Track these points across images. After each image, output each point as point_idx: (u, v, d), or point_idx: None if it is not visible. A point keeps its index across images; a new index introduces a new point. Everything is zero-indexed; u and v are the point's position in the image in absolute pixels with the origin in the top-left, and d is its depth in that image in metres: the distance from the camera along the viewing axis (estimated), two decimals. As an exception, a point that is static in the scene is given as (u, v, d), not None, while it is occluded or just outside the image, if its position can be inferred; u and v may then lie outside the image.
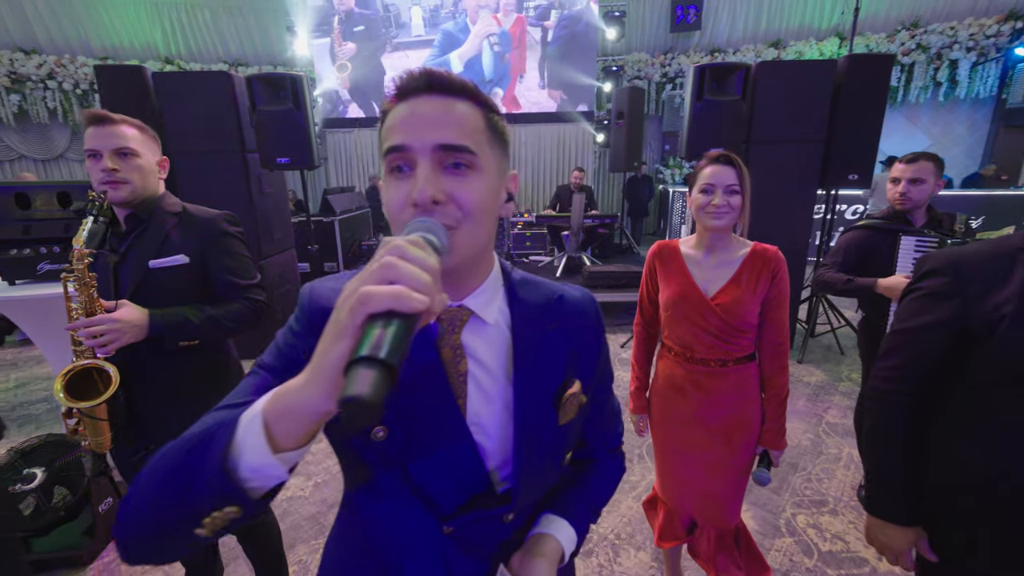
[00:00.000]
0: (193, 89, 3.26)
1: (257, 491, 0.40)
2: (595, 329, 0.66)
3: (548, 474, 0.62)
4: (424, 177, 0.47)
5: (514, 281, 0.61)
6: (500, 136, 0.54)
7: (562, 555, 0.62)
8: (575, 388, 0.60)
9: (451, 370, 0.55)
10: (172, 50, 8.41)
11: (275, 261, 3.81)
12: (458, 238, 0.49)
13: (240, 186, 3.45)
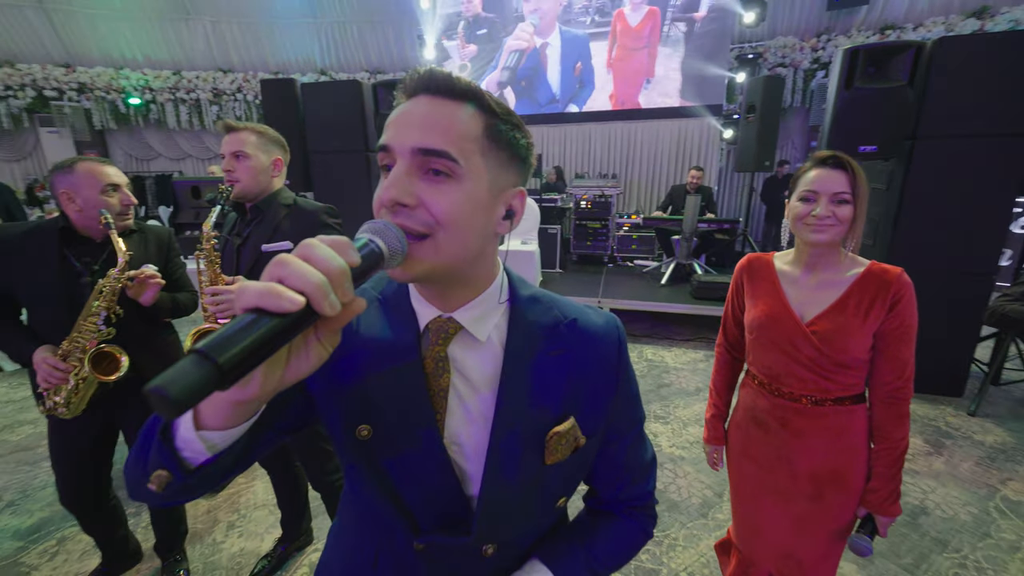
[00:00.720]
0: (330, 97, 3.76)
1: (189, 462, 0.43)
2: (612, 362, 0.58)
3: (528, 514, 0.58)
4: (393, 178, 0.46)
5: (520, 298, 0.57)
6: (506, 146, 0.50)
7: None
8: (566, 425, 0.55)
9: (432, 382, 0.53)
10: (325, 62, 9.77)
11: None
12: (429, 246, 0.46)
13: (363, 181, 3.89)
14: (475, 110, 0.48)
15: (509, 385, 0.53)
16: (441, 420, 0.53)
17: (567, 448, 0.55)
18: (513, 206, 0.52)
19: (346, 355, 0.54)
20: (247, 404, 0.40)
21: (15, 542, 1.87)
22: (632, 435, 0.63)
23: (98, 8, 7.79)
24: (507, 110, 0.50)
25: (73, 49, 7.85)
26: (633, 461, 0.64)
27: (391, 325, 0.55)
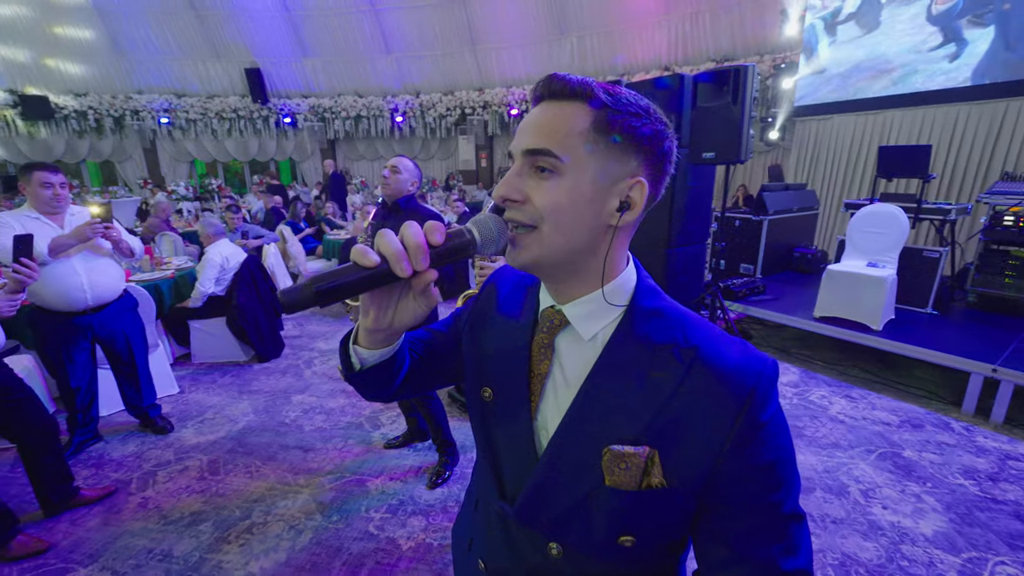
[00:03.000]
0: (651, 94, 3.78)
1: (355, 365, 0.61)
2: (726, 414, 0.49)
3: (576, 525, 0.55)
4: (506, 178, 0.52)
5: (639, 307, 0.55)
6: (619, 136, 0.49)
7: None
8: (629, 450, 0.50)
9: (533, 366, 0.58)
10: (671, 58, 9.86)
11: (680, 252, 4.01)
12: (534, 237, 0.51)
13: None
14: (583, 105, 0.50)
15: (590, 391, 0.54)
16: (535, 403, 0.58)
17: (631, 478, 0.51)
18: (631, 197, 0.51)
19: (486, 326, 0.65)
20: (374, 333, 0.56)
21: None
22: (753, 519, 0.50)
23: (503, 43, 10.35)
24: (623, 100, 0.50)
25: (485, 76, 10.77)
26: (749, 551, 0.50)
27: (521, 308, 0.63)
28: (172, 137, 10.77)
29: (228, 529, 2.05)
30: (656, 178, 0.53)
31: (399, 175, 2.09)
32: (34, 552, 1.92)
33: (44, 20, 9.34)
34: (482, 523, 0.68)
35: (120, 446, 2.68)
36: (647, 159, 0.52)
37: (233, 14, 10.04)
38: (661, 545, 0.56)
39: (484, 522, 0.67)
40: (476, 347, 0.66)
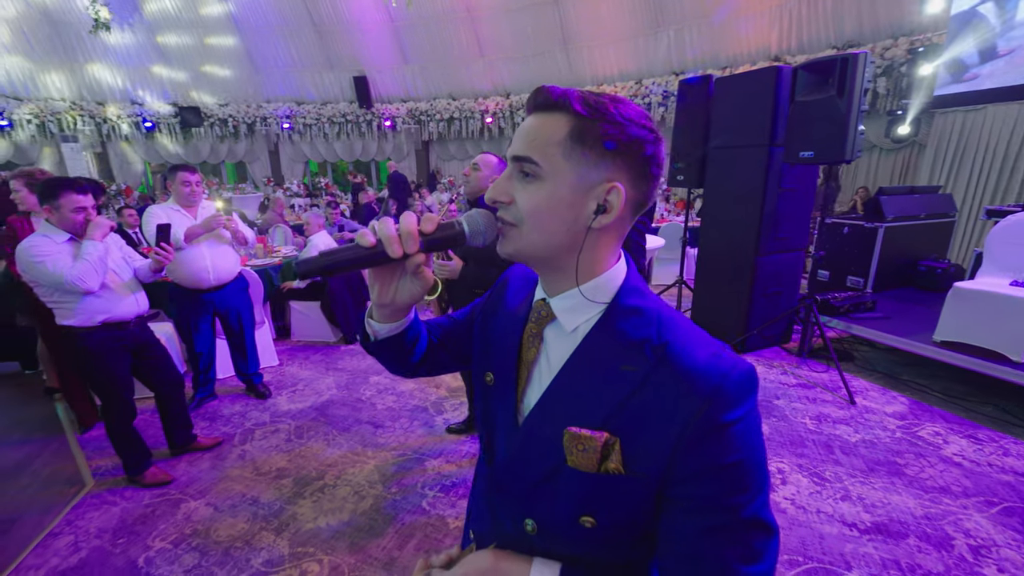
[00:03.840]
0: (742, 88, 3.54)
1: (370, 336, 0.71)
2: (686, 412, 0.50)
3: (540, 498, 0.60)
4: (497, 181, 0.58)
5: (619, 305, 0.58)
6: (594, 144, 0.53)
7: None
8: (587, 433, 0.54)
9: (523, 353, 0.64)
10: (782, 47, 9.02)
11: (771, 260, 3.70)
12: (515, 233, 0.57)
13: (756, 180, 3.52)
14: (563, 115, 0.53)
15: (564, 378, 0.58)
16: (522, 387, 0.63)
17: (589, 460, 0.54)
18: (608, 201, 0.54)
19: (495, 316, 0.71)
20: (381, 308, 0.66)
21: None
22: (709, 518, 0.50)
23: (595, 41, 10.23)
24: (599, 110, 0.52)
25: (577, 74, 10.72)
26: (703, 550, 0.51)
27: (520, 301, 0.69)
28: (292, 140, 12.22)
29: (305, 486, 2.34)
30: (638, 182, 0.55)
31: (479, 172, 2.19)
32: (161, 482, 2.36)
33: (200, 45, 11.14)
34: (477, 498, 0.75)
35: (229, 405, 3.17)
36: (625, 165, 0.54)
37: (346, 28, 11.12)
38: (623, 532, 0.57)
39: (477, 497, 0.74)
40: (483, 334, 0.73)
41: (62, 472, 2.47)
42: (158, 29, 10.85)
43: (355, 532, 2.05)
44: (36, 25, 9.92)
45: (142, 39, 10.80)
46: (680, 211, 7.63)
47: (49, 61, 10.35)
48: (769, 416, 2.90)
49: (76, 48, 10.50)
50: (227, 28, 11.06)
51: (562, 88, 0.54)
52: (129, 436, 2.31)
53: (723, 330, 3.92)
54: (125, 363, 2.27)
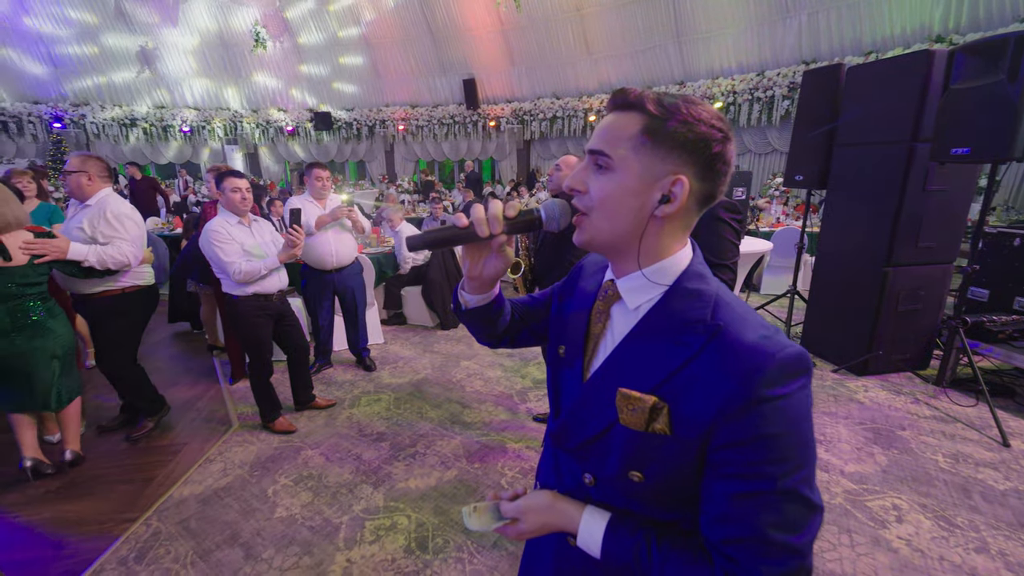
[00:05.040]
0: (881, 76, 3.16)
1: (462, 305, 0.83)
2: (730, 384, 0.55)
3: (594, 451, 0.67)
4: (575, 171, 0.66)
5: (680, 287, 0.63)
6: (664, 140, 0.59)
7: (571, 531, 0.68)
8: (638, 395, 0.60)
9: (591, 327, 0.72)
10: (950, 25, 7.73)
11: (908, 272, 3.26)
12: (586, 220, 0.65)
13: (893, 180, 3.12)
14: (635, 114, 0.60)
15: (623, 348, 0.65)
16: (588, 358, 0.72)
17: (638, 419, 0.61)
18: (672, 192, 0.60)
19: (569, 297, 0.81)
20: (471, 281, 0.78)
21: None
22: (747, 485, 0.55)
23: (712, 32, 9.65)
24: (670, 110, 0.59)
25: (689, 68, 10.22)
26: (738, 513, 0.55)
27: (592, 282, 0.77)
28: (405, 141, 13.33)
29: (399, 451, 2.63)
30: (704, 177, 0.61)
31: (560, 172, 2.32)
32: (287, 431, 2.81)
33: (334, 59, 12.64)
34: (545, 456, 0.85)
35: (341, 373, 3.64)
36: (692, 160, 0.59)
37: (459, 33, 11.83)
38: (668, 490, 0.63)
39: (545, 455, 0.84)
40: (559, 313, 0.83)
41: (216, 413, 3.06)
42: (303, 51, 12.54)
43: (440, 497, 2.26)
44: (213, 48, 12.06)
45: (289, 57, 12.55)
46: (800, 215, 6.94)
47: (219, 77, 12.53)
48: (889, 447, 2.59)
49: (239, 66, 12.56)
50: (358, 43, 12.40)
51: (639, 90, 0.61)
52: (266, 389, 2.80)
53: (840, 347, 3.54)
54: (267, 328, 2.74)
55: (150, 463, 2.54)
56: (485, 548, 1.97)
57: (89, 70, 11.09)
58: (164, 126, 11.94)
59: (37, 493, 2.29)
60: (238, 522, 2.11)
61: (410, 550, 1.96)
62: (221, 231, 2.55)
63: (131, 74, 11.52)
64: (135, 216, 2.51)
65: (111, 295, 2.49)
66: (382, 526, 2.09)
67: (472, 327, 0.89)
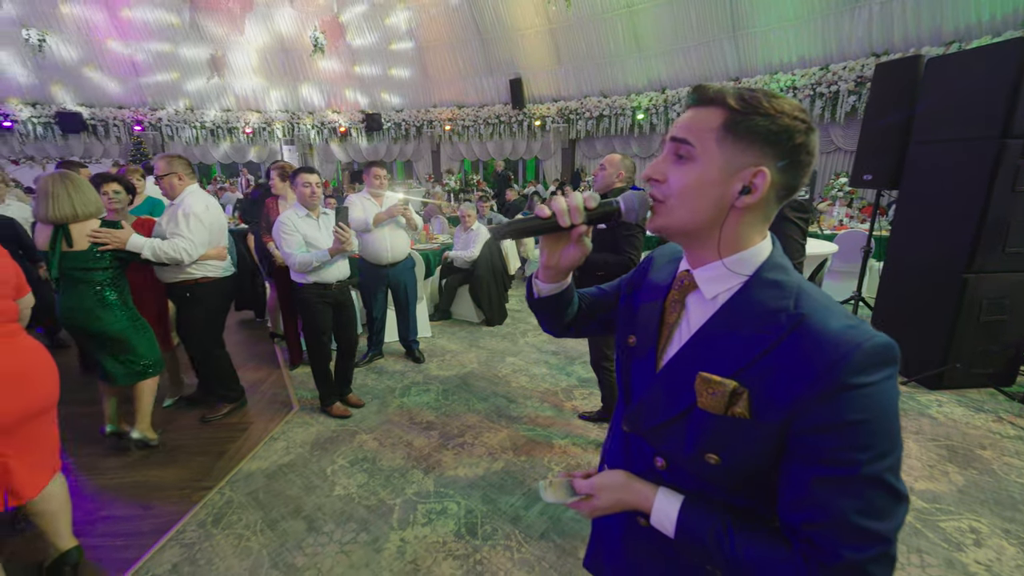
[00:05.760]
0: (970, 67, 2.95)
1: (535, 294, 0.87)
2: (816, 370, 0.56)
3: (668, 433, 0.69)
4: (654, 162, 0.68)
5: (760, 278, 0.64)
6: (745, 133, 0.60)
7: (645, 509, 0.70)
8: (718, 379, 0.62)
9: (666, 316, 0.74)
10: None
11: (993, 279, 3.03)
12: (663, 209, 0.66)
13: (978, 179, 2.91)
14: (716, 109, 0.62)
15: (702, 334, 0.67)
16: (662, 345, 0.74)
17: (718, 403, 0.62)
18: (753, 183, 0.61)
19: (638, 288, 0.84)
20: (546, 269, 0.82)
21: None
22: (830, 470, 0.56)
23: (772, 25, 9.26)
24: (751, 104, 0.60)
25: (745, 63, 9.86)
26: (823, 499, 0.56)
27: (665, 274, 0.79)
28: (451, 141, 13.62)
29: (448, 440, 2.72)
30: (786, 168, 0.61)
31: (605, 171, 2.35)
32: (343, 415, 2.98)
33: (385, 59, 13.09)
34: (613, 441, 0.86)
35: (392, 364, 3.79)
36: (774, 151, 0.60)
37: (507, 34, 11.95)
38: (744, 473, 0.64)
39: (614, 440, 0.86)
40: (628, 303, 0.85)
41: (279, 396, 3.28)
42: (356, 53, 13.06)
43: (488, 486, 2.33)
44: (273, 54, 12.79)
45: (343, 60, 13.11)
46: (866, 217, 6.56)
47: (278, 81, 13.26)
48: (967, 467, 2.42)
49: (297, 70, 13.25)
50: (408, 46, 12.79)
51: (719, 85, 0.63)
52: (325, 375, 2.97)
53: (911, 358, 3.33)
54: (327, 315, 2.90)
55: (222, 438, 2.76)
56: (532, 538, 2.01)
57: (166, 78, 12.04)
58: (229, 128, 12.78)
59: (128, 459, 2.55)
60: (301, 497, 2.27)
61: (460, 535, 2.04)
62: (287, 223, 2.74)
63: (202, 81, 12.41)
64: (205, 217, 2.60)
65: (186, 284, 2.69)
66: (433, 510, 2.18)
67: (542, 315, 0.93)
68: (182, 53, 11.82)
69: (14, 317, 1.66)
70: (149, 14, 11.06)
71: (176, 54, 11.77)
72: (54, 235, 2.23)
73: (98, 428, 2.63)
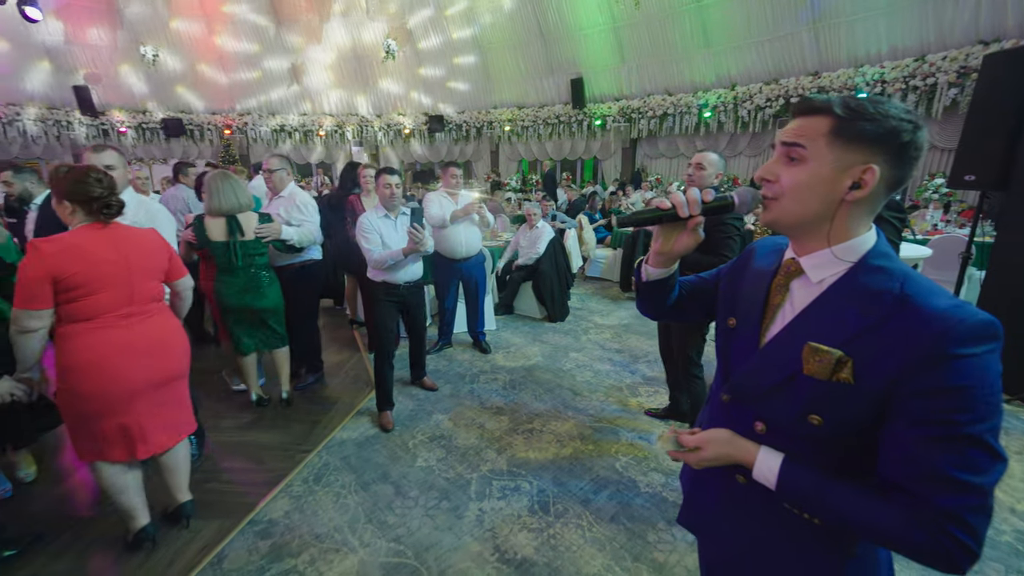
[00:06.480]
0: None
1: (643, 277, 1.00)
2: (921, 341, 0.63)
3: (776, 403, 0.77)
4: (767, 164, 0.77)
5: (866, 264, 0.72)
6: (854, 136, 0.68)
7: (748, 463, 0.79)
8: (826, 348, 0.69)
9: (770, 299, 0.83)
10: None
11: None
12: (775, 205, 0.76)
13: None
14: (823, 117, 0.71)
15: (809, 311, 0.75)
16: (765, 325, 0.83)
17: (823, 369, 0.70)
18: (862, 179, 0.69)
19: (742, 275, 0.93)
20: (657, 256, 0.94)
21: (639, 382, 3.28)
22: (931, 430, 0.62)
23: (858, 14, 8.71)
24: (858, 111, 0.68)
25: (826, 56, 9.34)
26: (924, 456, 0.63)
27: (770, 262, 0.87)
28: (510, 142, 13.88)
29: (518, 425, 2.89)
30: (894, 164, 0.68)
31: (704, 171, 2.36)
32: (430, 388, 3.32)
33: (449, 63, 13.57)
34: (713, 412, 0.95)
35: (461, 353, 4.02)
36: (882, 150, 0.67)
37: (569, 33, 12.03)
38: (844, 434, 0.71)
39: (711, 412, 0.96)
40: (730, 289, 0.94)
41: (360, 376, 3.59)
42: (422, 56, 13.66)
43: (558, 470, 2.47)
44: (347, 61, 13.64)
45: (409, 63, 13.74)
46: (964, 221, 6.06)
47: (350, 86, 14.12)
48: (1079, 488, 2.26)
49: (368, 75, 14.03)
50: (471, 48, 13.20)
51: (825, 96, 0.71)
52: (383, 379, 2.90)
53: (1016, 374, 3.09)
54: (392, 314, 2.92)
55: (315, 410, 3.09)
56: (603, 520, 2.13)
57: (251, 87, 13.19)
58: (305, 131, 13.78)
59: (240, 422, 2.93)
60: (387, 465, 2.52)
61: (533, 510, 2.19)
62: (366, 223, 2.83)
63: (283, 88, 13.48)
64: (315, 204, 3.10)
65: (293, 268, 3.09)
66: (507, 487, 2.34)
67: (645, 298, 1.04)
68: (266, 64, 12.90)
69: (159, 297, 1.92)
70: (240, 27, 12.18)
71: (261, 65, 12.87)
72: (229, 227, 2.66)
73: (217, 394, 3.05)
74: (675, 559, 1.92)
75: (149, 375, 1.80)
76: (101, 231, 1.71)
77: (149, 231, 1.90)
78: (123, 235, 1.77)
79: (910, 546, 0.64)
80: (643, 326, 4.55)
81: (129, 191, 2.19)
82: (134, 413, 1.78)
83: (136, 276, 1.76)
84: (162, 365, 1.84)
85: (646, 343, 4.15)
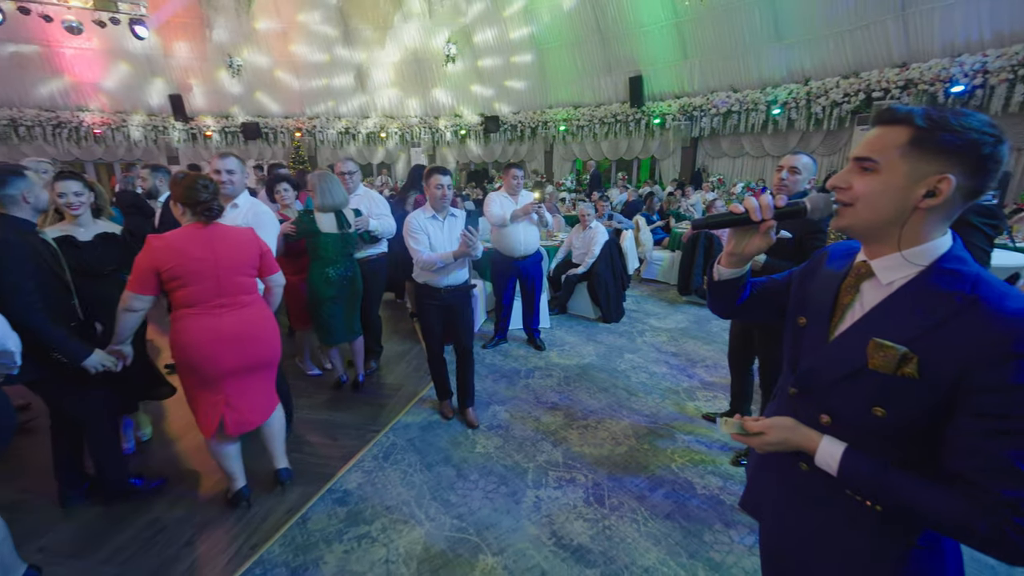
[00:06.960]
0: None
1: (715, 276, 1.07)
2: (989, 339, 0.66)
3: (838, 393, 0.82)
4: (840, 173, 0.83)
5: (937, 267, 0.75)
6: (931, 146, 0.71)
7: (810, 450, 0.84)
8: (890, 343, 0.74)
9: (840, 299, 0.87)
10: None
11: None
12: (849, 211, 0.81)
13: None
14: (903, 128, 0.74)
15: (878, 310, 0.80)
16: (834, 323, 0.87)
17: (888, 364, 0.74)
18: (937, 188, 0.72)
19: (814, 277, 0.97)
20: (730, 256, 1.01)
21: (697, 385, 3.27)
22: (996, 423, 0.66)
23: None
24: (939, 122, 0.71)
25: (916, 46, 8.66)
26: (987, 448, 0.66)
27: (841, 265, 0.92)
28: (564, 141, 13.90)
29: (573, 420, 2.97)
30: (972, 175, 0.71)
31: (798, 175, 2.22)
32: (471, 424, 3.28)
33: (505, 63, 13.79)
34: (777, 406, 1.01)
35: (515, 349, 4.16)
36: (960, 161, 0.70)
37: (629, 31, 11.88)
38: (906, 426, 0.75)
39: (777, 405, 1.01)
40: (802, 290, 0.98)
41: (421, 366, 3.81)
42: (479, 54, 13.97)
43: (613, 466, 2.53)
44: (408, 65, 14.21)
45: (467, 67, 14.10)
46: (1077, 227, 5.45)
47: (410, 89, 14.69)
48: None
49: (427, 78, 14.54)
50: (528, 48, 13.35)
51: (907, 106, 0.74)
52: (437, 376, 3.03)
53: None
54: (435, 316, 2.84)
55: (381, 395, 3.33)
56: (658, 517, 2.17)
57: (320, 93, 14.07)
58: (368, 133, 14.50)
59: (315, 402, 3.22)
60: (449, 449, 2.69)
61: (589, 501, 2.27)
62: (414, 223, 2.73)
63: (349, 92, 14.27)
64: (385, 201, 3.44)
65: (371, 259, 3.41)
66: (563, 478, 2.44)
67: (716, 296, 1.11)
68: (334, 70, 13.72)
69: (252, 290, 2.11)
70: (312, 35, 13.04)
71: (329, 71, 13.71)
72: (339, 220, 2.99)
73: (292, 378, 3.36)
74: (732, 560, 1.94)
75: (237, 359, 2.00)
76: (200, 231, 1.95)
77: (246, 230, 2.12)
78: (219, 234, 1.99)
79: (971, 534, 0.67)
80: (701, 331, 4.49)
81: (244, 194, 2.47)
82: (224, 392, 2.02)
83: (223, 272, 1.97)
84: (250, 351, 2.04)
85: (704, 348, 4.10)
